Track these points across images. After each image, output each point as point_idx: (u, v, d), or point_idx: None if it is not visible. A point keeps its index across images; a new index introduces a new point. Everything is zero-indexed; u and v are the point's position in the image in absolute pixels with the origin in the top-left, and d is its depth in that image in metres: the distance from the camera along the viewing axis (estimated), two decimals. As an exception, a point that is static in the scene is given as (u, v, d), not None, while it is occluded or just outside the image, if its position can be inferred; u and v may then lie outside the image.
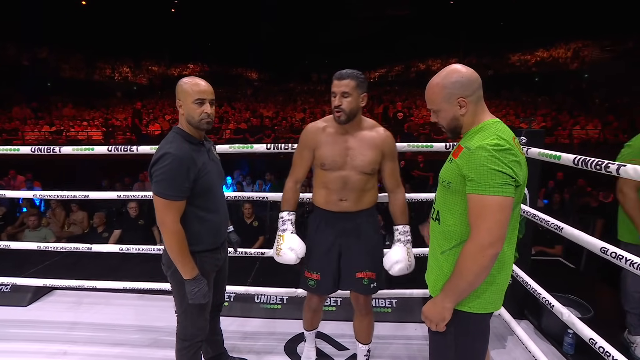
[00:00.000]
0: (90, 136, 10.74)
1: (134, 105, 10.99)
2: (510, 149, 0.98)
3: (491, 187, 0.96)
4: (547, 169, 1.41)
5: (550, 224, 1.49)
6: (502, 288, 1.11)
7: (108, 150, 1.98)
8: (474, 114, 1.08)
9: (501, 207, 0.96)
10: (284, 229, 1.59)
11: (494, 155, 0.96)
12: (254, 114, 12.52)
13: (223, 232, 1.56)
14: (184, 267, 1.38)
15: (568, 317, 1.45)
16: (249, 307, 2.37)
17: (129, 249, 2.19)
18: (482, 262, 0.97)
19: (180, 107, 1.39)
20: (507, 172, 0.96)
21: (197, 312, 1.48)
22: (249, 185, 7.38)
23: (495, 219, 0.96)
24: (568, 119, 10.84)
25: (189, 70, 22.94)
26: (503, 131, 1.04)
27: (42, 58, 16.98)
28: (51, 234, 4.46)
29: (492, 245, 0.96)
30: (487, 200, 0.96)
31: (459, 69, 1.08)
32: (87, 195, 2.04)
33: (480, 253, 0.97)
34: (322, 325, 2.19)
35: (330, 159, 1.54)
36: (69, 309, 2.42)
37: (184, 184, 1.33)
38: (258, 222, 4.44)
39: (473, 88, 1.07)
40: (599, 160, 1.20)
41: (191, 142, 1.39)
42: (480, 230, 0.97)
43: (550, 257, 3.72)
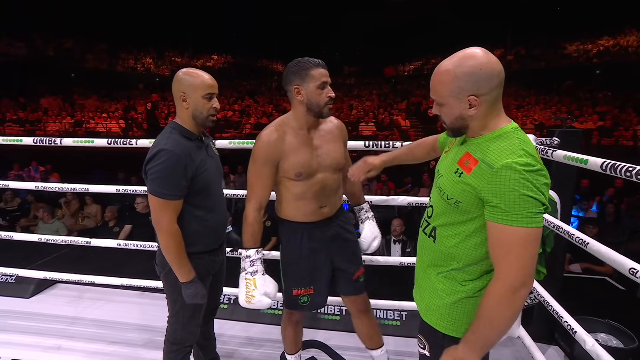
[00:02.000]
0: (109, 128, 11.35)
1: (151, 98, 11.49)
2: (541, 170, 0.88)
3: (524, 217, 0.86)
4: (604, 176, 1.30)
5: (575, 237, 1.40)
6: None
7: (108, 143, 2.08)
8: (485, 116, 0.94)
9: (534, 240, 0.87)
10: (253, 270, 1.42)
11: (526, 178, 0.85)
12: (277, 108, 12.71)
13: (221, 233, 1.58)
14: (180, 270, 1.40)
15: (592, 347, 1.35)
16: (249, 311, 2.41)
17: (128, 245, 2.29)
18: (515, 306, 0.88)
19: (185, 101, 1.40)
20: (540, 199, 0.86)
21: (189, 316, 1.51)
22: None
23: (528, 254, 0.87)
24: (633, 118, 10.12)
25: (213, 61, 23.67)
26: (528, 143, 0.91)
27: (67, 48, 18.16)
28: (64, 228, 4.76)
29: (525, 284, 0.88)
30: (519, 233, 0.86)
31: (478, 56, 0.91)
32: (87, 188, 2.16)
33: (513, 295, 0.88)
34: (322, 335, 2.19)
35: (305, 166, 1.42)
36: (69, 303, 2.58)
37: (180, 182, 1.34)
38: (271, 222, 4.51)
39: (492, 85, 0.91)
40: (629, 166, 1.11)
41: (189, 138, 1.40)
42: (511, 269, 0.88)
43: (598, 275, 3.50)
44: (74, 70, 17.96)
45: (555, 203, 1.82)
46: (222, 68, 22.55)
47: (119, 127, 11.41)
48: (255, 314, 2.39)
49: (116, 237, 4.34)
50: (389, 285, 2.45)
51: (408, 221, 4.43)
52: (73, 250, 3.34)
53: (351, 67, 24.48)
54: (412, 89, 16.44)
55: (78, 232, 5.02)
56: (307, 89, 1.38)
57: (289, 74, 1.40)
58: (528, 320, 2.06)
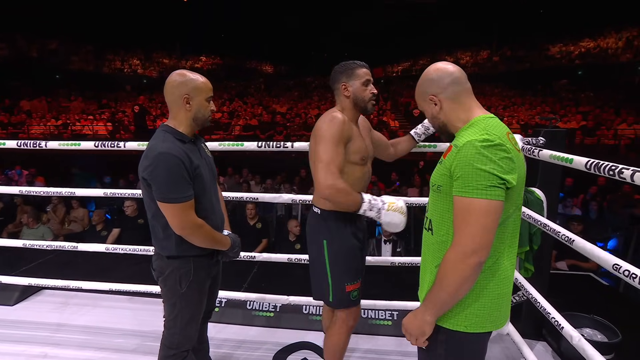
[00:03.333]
0: (96, 131, 11.16)
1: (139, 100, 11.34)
2: (501, 145, 0.94)
3: (476, 188, 0.92)
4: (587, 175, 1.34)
5: (561, 235, 1.43)
6: (499, 303, 1.05)
7: (95, 146, 2.04)
8: (454, 111, 1.07)
9: (486, 212, 0.92)
10: (380, 201, 1.42)
11: (481, 152, 0.93)
12: (266, 110, 12.67)
13: None
14: (221, 244, 1.49)
15: (578, 342, 1.38)
16: (241, 314, 2.39)
17: (116, 249, 2.25)
18: (463, 272, 0.94)
19: (189, 103, 1.39)
20: (495, 172, 0.92)
21: (187, 320, 1.49)
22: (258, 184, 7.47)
23: (480, 224, 0.92)
24: (614, 117, 10.38)
25: (201, 62, 23.47)
26: (494, 126, 1.00)
27: (51, 50, 17.79)
28: (49, 233, 4.66)
29: (475, 252, 0.93)
30: (472, 204, 0.93)
31: (435, 65, 1.09)
32: (74, 192, 2.12)
33: (462, 261, 0.94)
34: (314, 336, 2.19)
35: (366, 150, 1.53)
36: (55, 309, 2.51)
37: (188, 182, 1.34)
38: (262, 224, 4.48)
39: (443, 84, 1.06)
40: (612, 165, 1.14)
41: (182, 141, 1.39)
42: (463, 236, 0.94)
43: (583, 272, 3.58)
44: (59, 72, 17.61)
45: (541, 201, 1.85)
46: (210, 69, 22.36)
47: (106, 130, 11.22)
48: (243, 316, 2.37)
49: (104, 241, 4.26)
50: (380, 285, 2.46)
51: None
52: (59, 256, 3.27)
53: (340, 68, 24.58)
54: (401, 90, 16.57)
55: (64, 237, 4.91)
56: (354, 86, 1.50)
57: (337, 74, 1.53)
58: (517, 317, 2.08)
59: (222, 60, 24.38)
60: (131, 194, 2.14)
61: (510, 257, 1.06)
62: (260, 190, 7.19)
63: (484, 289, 1.02)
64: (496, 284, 1.03)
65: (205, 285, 1.52)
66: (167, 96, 1.40)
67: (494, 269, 1.02)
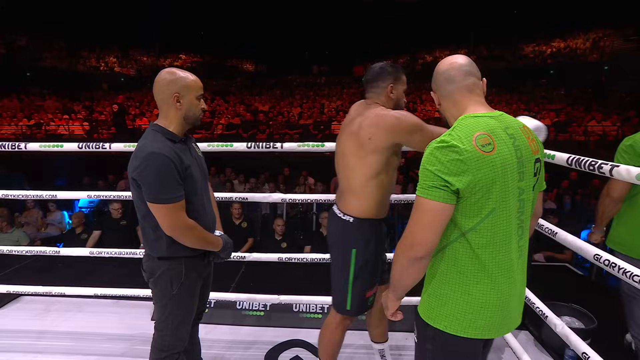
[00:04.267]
0: (72, 131, 10.76)
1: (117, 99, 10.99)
2: (453, 147, 0.92)
3: (422, 187, 0.95)
4: (560, 169, 1.38)
5: (545, 228, 1.49)
6: (482, 305, 1.00)
7: (79, 147, 1.98)
8: (450, 109, 1.07)
9: (425, 210, 0.94)
10: None
11: (432, 154, 0.95)
12: (248, 108, 12.53)
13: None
14: (213, 245, 1.47)
15: (562, 329, 1.44)
16: (231, 314, 2.38)
17: (101, 253, 2.19)
18: (401, 263, 0.99)
19: (179, 101, 1.36)
20: (438, 173, 0.92)
21: (178, 322, 1.47)
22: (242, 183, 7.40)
23: (418, 222, 0.95)
24: (584, 115, 10.81)
25: (181, 60, 22.99)
26: (463, 127, 0.97)
27: (20, 46, 17.00)
28: (25, 237, 4.47)
29: (412, 248, 0.95)
30: (417, 201, 0.96)
31: (443, 60, 1.08)
32: (55, 195, 2.04)
33: (401, 253, 0.98)
34: (306, 334, 2.20)
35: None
36: (36, 316, 2.42)
37: (179, 182, 1.32)
38: (247, 224, 4.45)
39: (438, 82, 1.07)
40: (592, 161, 1.19)
41: (173, 140, 1.36)
42: (405, 230, 0.98)
43: (559, 263, 3.72)
44: (30, 70, 16.85)
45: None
46: (190, 68, 21.94)
47: (83, 130, 10.84)
48: (233, 316, 2.36)
49: (84, 244, 4.13)
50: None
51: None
52: (37, 261, 3.15)
53: (321, 67, 24.52)
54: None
55: (41, 241, 4.73)
56: (398, 90, 1.50)
57: (387, 73, 1.48)
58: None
59: (202, 59, 23.94)
60: (117, 196, 2.08)
61: (496, 262, 0.99)
62: (245, 189, 7.13)
63: (466, 293, 1.00)
64: (482, 292, 1.00)
65: (197, 287, 1.50)
66: (157, 95, 1.37)
67: (472, 274, 0.99)
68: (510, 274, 1.02)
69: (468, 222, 0.97)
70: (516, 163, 0.98)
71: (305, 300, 2.18)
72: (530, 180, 1.02)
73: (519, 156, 0.98)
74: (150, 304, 2.46)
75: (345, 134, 1.49)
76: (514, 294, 1.04)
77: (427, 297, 1.07)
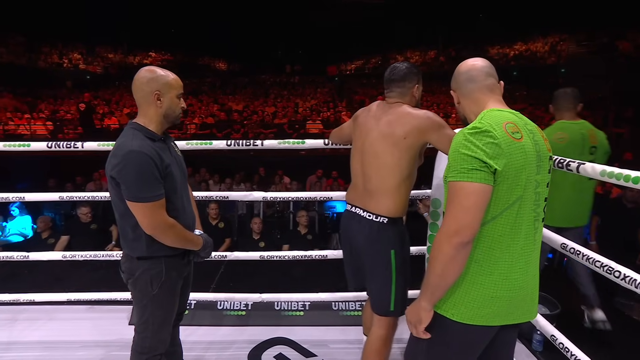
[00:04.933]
0: (34, 131, 10.17)
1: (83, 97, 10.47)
2: (487, 131, 0.96)
3: (458, 172, 0.95)
4: None
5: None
6: (492, 296, 1.01)
7: (48, 147, 1.89)
8: (470, 106, 1.11)
9: (468, 193, 0.94)
10: None
11: (467, 139, 0.97)
12: (222, 108, 12.31)
13: None
14: (192, 244, 1.45)
15: (532, 314, 1.53)
16: (212, 314, 2.35)
17: (75, 256, 2.10)
18: (447, 251, 0.95)
19: (159, 99, 1.34)
20: (477, 156, 0.94)
21: (159, 323, 1.44)
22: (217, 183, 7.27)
23: (461, 205, 0.94)
24: (545, 114, 11.40)
25: (150, 59, 22.22)
26: (491, 116, 1.01)
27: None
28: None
29: (457, 233, 0.94)
30: (455, 187, 0.96)
31: (464, 62, 1.15)
32: (23, 197, 1.94)
33: (446, 241, 0.95)
34: (289, 331, 2.21)
35: None
36: (2, 326, 2.27)
37: (159, 180, 1.30)
38: (224, 224, 4.39)
39: (458, 81, 1.12)
40: (561, 159, 1.28)
41: (152, 139, 1.35)
42: (446, 218, 0.97)
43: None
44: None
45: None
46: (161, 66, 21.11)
47: (46, 130, 10.26)
48: (213, 317, 2.33)
49: (52, 249, 3.92)
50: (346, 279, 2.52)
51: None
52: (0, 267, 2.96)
53: (294, 66, 24.48)
54: (355, 88, 16.89)
55: (2, 247, 4.45)
56: (419, 90, 1.55)
57: (412, 74, 1.52)
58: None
59: (173, 57, 23.27)
60: (92, 197, 2.00)
61: (510, 252, 1.01)
62: (221, 189, 7.01)
63: (475, 282, 1.01)
64: (493, 283, 1.01)
65: (177, 286, 1.49)
66: (136, 93, 1.35)
67: (487, 264, 1.01)
68: (524, 266, 1.03)
69: (496, 209, 0.98)
70: (535, 156, 1.01)
71: (287, 297, 2.19)
72: (545, 175, 1.04)
73: (537, 150, 1.01)
74: (127, 308, 2.39)
75: (375, 134, 1.48)
76: (527, 287, 1.05)
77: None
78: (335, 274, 2.14)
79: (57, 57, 18.74)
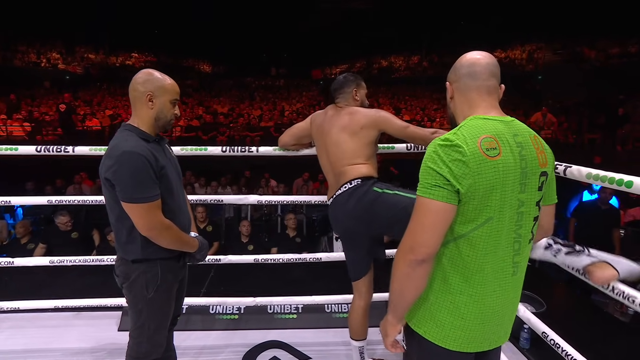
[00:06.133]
0: (10, 132, 9.80)
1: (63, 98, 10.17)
2: (457, 146, 0.88)
3: (423, 186, 0.90)
4: None
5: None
6: (463, 317, 0.95)
7: (37, 151, 1.83)
8: (461, 105, 1.01)
9: (427, 210, 0.89)
10: None
11: (436, 151, 0.90)
12: (207, 110, 12.17)
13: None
14: (189, 246, 1.44)
15: (523, 313, 1.59)
16: (204, 319, 2.32)
17: (63, 261, 2.04)
18: (402, 268, 0.91)
19: (152, 101, 1.34)
20: (441, 172, 0.87)
21: (155, 327, 1.42)
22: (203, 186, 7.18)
23: (419, 222, 0.89)
24: (524, 119, 11.76)
25: (133, 59, 21.70)
26: (471, 127, 0.92)
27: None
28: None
29: (412, 250, 0.89)
30: (418, 201, 0.91)
31: (468, 53, 1.04)
32: (8, 201, 1.88)
33: (401, 258, 0.91)
34: (282, 334, 2.20)
35: None
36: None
37: (154, 181, 1.29)
38: (212, 227, 4.35)
39: (459, 73, 1.01)
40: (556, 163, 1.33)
41: (147, 140, 1.34)
42: (405, 233, 0.91)
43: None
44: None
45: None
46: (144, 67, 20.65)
47: (24, 131, 9.89)
48: (211, 321, 2.31)
49: (31, 254, 3.77)
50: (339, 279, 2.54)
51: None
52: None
53: (279, 69, 24.43)
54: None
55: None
56: (360, 93, 1.78)
57: (351, 81, 1.76)
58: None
59: (157, 58, 22.82)
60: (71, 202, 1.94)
61: (486, 280, 0.94)
62: (207, 192, 6.92)
63: (448, 301, 0.96)
64: (464, 304, 0.95)
65: (173, 290, 1.47)
66: (131, 93, 1.36)
67: (455, 283, 0.95)
68: (499, 289, 0.96)
69: (462, 228, 0.92)
70: (519, 173, 0.92)
71: (281, 301, 2.19)
72: (532, 193, 0.95)
73: (523, 167, 0.92)
74: (115, 314, 2.34)
75: (336, 129, 1.67)
76: (502, 311, 0.99)
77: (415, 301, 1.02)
78: (327, 275, 2.16)
79: (35, 56, 18.12)
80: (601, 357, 1.91)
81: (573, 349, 1.39)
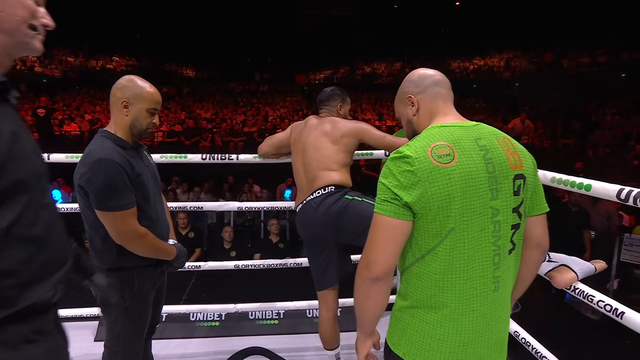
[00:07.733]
0: (-17, 137, 9.43)
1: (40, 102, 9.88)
2: (406, 157, 0.85)
3: (377, 202, 0.88)
4: None
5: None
6: (440, 338, 0.88)
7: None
8: (427, 115, 0.98)
9: (378, 227, 0.87)
10: None
11: (387, 165, 0.89)
12: (190, 115, 12.04)
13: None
14: (166, 254, 1.41)
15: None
16: (184, 326, 2.29)
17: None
18: (359, 285, 0.90)
19: (127, 107, 1.32)
20: (389, 186, 0.86)
21: (130, 337, 1.40)
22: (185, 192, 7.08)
23: (373, 239, 0.87)
24: (502, 125, 12.11)
25: (114, 63, 21.28)
26: (425, 137, 0.90)
27: None
28: None
29: (367, 267, 0.87)
30: (373, 218, 0.88)
31: (418, 69, 1.03)
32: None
33: (359, 274, 0.90)
34: (262, 340, 2.19)
35: None
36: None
37: (130, 188, 1.28)
38: (194, 233, 4.30)
39: (424, 84, 0.98)
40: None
41: (123, 147, 1.32)
42: (364, 251, 0.90)
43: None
44: None
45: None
46: (125, 72, 20.43)
47: (-3, 136, 9.54)
48: (190, 328, 2.28)
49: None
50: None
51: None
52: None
53: (263, 74, 24.42)
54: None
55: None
56: (344, 108, 1.86)
57: (336, 95, 1.83)
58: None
59: (138, 62, 22.45)
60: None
61: (461, 298, 0.87)
62: (189, 199, 6.84)
63: (424, 321, 0.90)
64: (439, 323, 0.89)
65: (150, 298, 1.45)
66: (110, 98, 1.36)
67: (428, 302, 0.89)
68: (479, 307, 0.88)
69: (427, 243, 0.87)
70: (486, 178, 0.86)
71: (263, 307, 2.18)
72: (507, 199, 0.88)
73: (490, 171, 0.86)
74: (91, 324, 2.27)
75: (317, 133, 1.72)
76: (487, 332, 0.90)
77: (392, 321, 0.98)
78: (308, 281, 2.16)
79: (10, 58, 17.54)
80: (573, 352, 1.99)
81: (543, 347, 1.44)
